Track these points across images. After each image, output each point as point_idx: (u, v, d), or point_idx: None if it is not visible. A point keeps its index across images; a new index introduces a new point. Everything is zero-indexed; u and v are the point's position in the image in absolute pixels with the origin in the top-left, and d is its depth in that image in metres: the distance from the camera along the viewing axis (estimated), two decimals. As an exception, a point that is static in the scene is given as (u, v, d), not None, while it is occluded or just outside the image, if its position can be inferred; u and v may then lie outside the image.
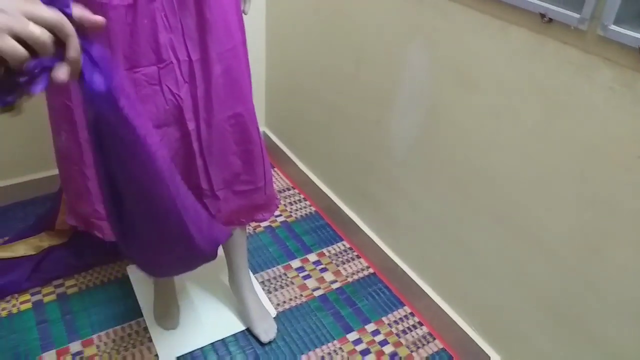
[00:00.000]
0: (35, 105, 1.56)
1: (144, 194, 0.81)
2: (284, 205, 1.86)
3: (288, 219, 1.79)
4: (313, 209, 1.85)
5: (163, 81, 1.01)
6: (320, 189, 1.81)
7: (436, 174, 1.28)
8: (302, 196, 1.92)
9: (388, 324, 1.43)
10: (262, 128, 2.16)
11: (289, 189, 1.96)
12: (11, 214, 1.70)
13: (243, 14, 1.15)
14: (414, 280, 1.45)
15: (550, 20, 0.91)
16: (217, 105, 1.06)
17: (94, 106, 0.65)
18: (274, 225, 1.76)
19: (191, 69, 1.04)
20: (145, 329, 1.36)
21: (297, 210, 1.84)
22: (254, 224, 1.74)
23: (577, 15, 0.86)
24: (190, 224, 0.89)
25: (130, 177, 0.78)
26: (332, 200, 1.75)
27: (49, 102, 1.07)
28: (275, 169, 2.07)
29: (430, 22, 1.17)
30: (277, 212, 1.81)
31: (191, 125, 1.07)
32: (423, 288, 1.42)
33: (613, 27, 0.82)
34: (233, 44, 1.04)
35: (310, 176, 1.87)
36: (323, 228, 1.76)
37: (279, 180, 2.00)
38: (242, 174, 1.16)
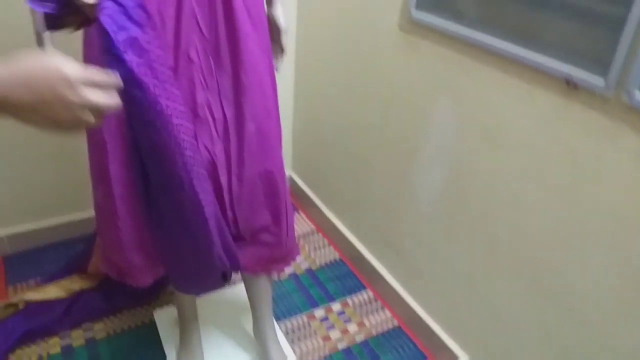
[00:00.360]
0: (69, 149, 1.64)
1: (162, 160, 0.91)
2: (308, 251, 1.88)
3: (312, 266, 1.80)
4: (337, 255, 1.86)
5: (199, 138, 1.06)
6: (345, 235, 1.83)
7: (463, 229, 1.28)
8: (326, 241, 1.93)
9: (412, 379, 1.41)
10: (288, 172, 2.19)
11: (313, 234, 1.97)
12: (44, 255, 1.75)
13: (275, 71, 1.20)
14: (438, 335, 1.43)
15: (575, 86, 0.93)
16: (249, 162, 1.10)
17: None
18: (298, 272, 1.77)
19: (225, 126, 1.08)
20: (170, 377, 1.37)
21: (321, 256, 1.85)
22: (278, 270, 1.75)
23: (602, 82, 0.88)
24: (206, 205, 0.97)
25: (152, 145, 0.90)
26: (357, 248, 1.76)
27: (90, 156, 1.12)
28: (300, 212, 2.09)
29: (455, 80, 1.20)
30: (301, 259, 1.83)
31: (223, 180, 1.11)
32: (448, 343, 1.40)
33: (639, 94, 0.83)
34: (266, 103, 1.09)
35: (334, 222, 1.89)
36: (347, 276, 1.76)
37: (303, 225, 2.02)
38: (271, 226, 1.19)
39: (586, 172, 0.96)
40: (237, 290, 1.61)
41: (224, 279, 1.16)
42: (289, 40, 1.22)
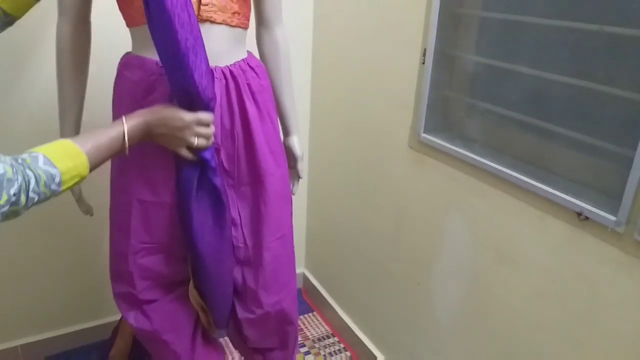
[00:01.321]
0: (83, 260, 1.67)
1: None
2: (323, 355, 1.84)
3: (329, 373, 1.76)
4: (354, 360, 1.82)
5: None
6: (360, 339, 1.79)
7: (484, 346, 1.26)
8: (342, 345, 1.89)
9: None
10: (301, 269, 2.20)
11: (328, 337, 1.94)
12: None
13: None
14: None
15: (587, 218, 0.95)
16: (263, 291, 1.12)
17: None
18: (314, 380, 1.73)
19: (246, 253, 1.11)
20: None
21: (337, 362, 1.81)
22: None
23: (613, 218, 0.90)
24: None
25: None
26: (374, 354, 1.72)
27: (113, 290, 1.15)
28: (315, 312, 2.07)
29: (466, 199, 1.24)
30: (317, 365, 1.79)
31: (237, 304, 1.13)
32: None
33: (651, 233, 0.85)
34: (282, 232, 1.12)
35: (350, 325, 1.86)
36: (365, 385, 1.72)
37: (318, 326, 1.99)
38: (277, 349, 1.21)
39: (604, 300, 0.96)
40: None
41: None
42: (304, 166, 1.29)
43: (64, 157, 0.76)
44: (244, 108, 1.00)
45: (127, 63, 1.00)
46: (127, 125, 0.87)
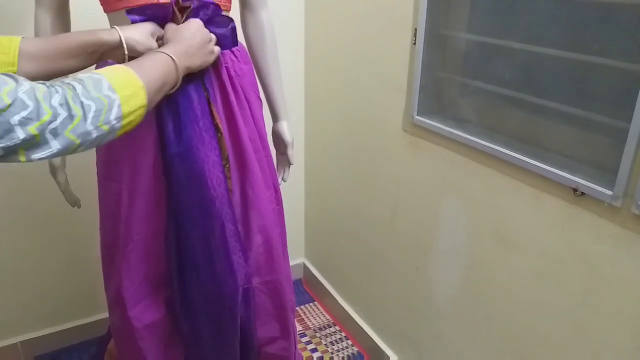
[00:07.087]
0: (80, 256, 1.65)
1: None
2: (325, 344, 1.83)
3: (330, 362, 1.75)
4: (356, 349, 1.81)
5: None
6: (362, 328, 1.78)
7: (484, 330, 1.25)
8: (343, 334, 1.88)
9: None
10: (301, 259, 2.18)
11: (329, 326, 1.93)
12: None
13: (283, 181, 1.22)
14: None
15: (583, 193, 0.92)
16: (257, 274, 1.11)
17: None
18: (315, 369, 1.72)
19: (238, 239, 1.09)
20: None
21: (338, 350, 1.80)
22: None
23: (609, 192, 0.87)
24: None
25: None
26: (375, 343, 1.71)
27: (105, 282, 1.13)
28: (316, 302, 2.06)
29: (462, 180, 1.21)
30: (318, 354, 1.78)
31: None
32: None
33: (648, 206, 0.83)
34: (270, 217, 1.11)
35: (350, 313, 1.85)
36: (366, 373, 1.70)
37: (319, 316, 1.98)
38: (280, 338, 1.18)
39: (602, 278, 0.94)
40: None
41: None
42: (294, 152, 1.26)
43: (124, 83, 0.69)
44: (225, 92, 0.98)
45: None
46: (171, 50, 0.81)
